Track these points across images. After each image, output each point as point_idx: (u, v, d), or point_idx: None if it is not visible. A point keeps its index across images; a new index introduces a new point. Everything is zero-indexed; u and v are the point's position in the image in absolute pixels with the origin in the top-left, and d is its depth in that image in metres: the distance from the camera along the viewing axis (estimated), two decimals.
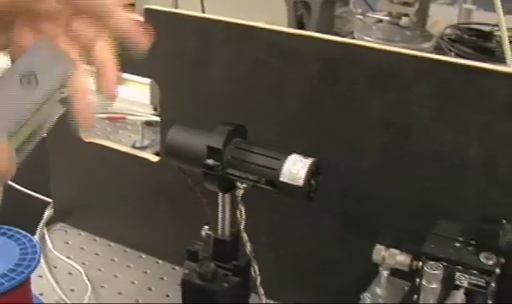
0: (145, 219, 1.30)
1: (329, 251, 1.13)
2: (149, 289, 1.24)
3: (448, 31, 1.83)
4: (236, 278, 1.00)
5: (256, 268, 0.97)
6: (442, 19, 1.90)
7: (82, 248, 1.33)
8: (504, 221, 0.88)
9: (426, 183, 1.01)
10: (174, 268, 1.28)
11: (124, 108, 1.73)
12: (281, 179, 0.91)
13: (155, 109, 1.72)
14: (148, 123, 1.70)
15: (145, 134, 1.68)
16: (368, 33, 1.64)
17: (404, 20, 1.60)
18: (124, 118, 1.74)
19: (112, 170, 1.30)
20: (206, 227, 1.03)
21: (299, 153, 0.92)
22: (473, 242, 0.90)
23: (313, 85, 1.07)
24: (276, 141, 1.08)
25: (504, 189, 0.97)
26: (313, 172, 0.91)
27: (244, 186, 0.94)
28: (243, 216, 0.96)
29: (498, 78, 0.95)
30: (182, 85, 1.17)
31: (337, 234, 1.12)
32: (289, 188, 0.91)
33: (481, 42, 1.75)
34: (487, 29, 1.81)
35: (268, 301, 0.99)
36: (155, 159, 1.24)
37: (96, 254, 1.32)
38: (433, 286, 0.87)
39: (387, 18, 1.63)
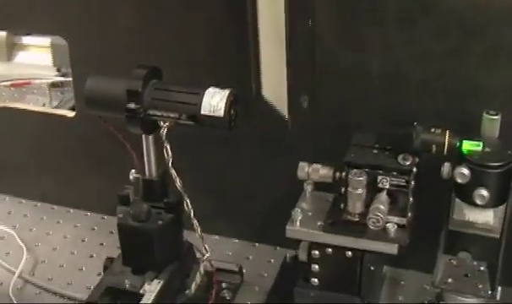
0: (68, 175, 1.31)
1: (252, 176, 1.18)
2: (83, 240, 1.26)
3: None
4: (170, 214, 1.03)
5: (188, 201, 1.00)
6: None
7: (9, 212, 1.34)
8: (415, 123, 0.94)
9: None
10: (103, 218, 1.31)
11: (27, 73, 1.72)
12: (202, 112, 0.94)
13: (58, 70, 1.72)
14: (54, 85, 1.69)
15: (53, 96, 1.67)
16: None
17: None
18: (29, 83, 1.72)
19: (29, 132, 1.30)
20: (133, 171, 1.05)
21: (215, 86, 0.96)
22: (389, 148, 0.96)
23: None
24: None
25: (406, 96, 1.04)
26: (231, 102, 0.94)
27: (167, 124, 0.97)
28: (170, 153, 0.98)
29: None
30: (90, 38, 1.18)
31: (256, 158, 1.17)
32: (211, 120, 0.93)
33: None
34: None
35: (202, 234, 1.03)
36: (71, 114, 1.25)
37: (25, 215, 1.32)
38: (359, 192, 0.93)
39: None
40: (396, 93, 1.03)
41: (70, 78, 1.66)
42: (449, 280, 0.98)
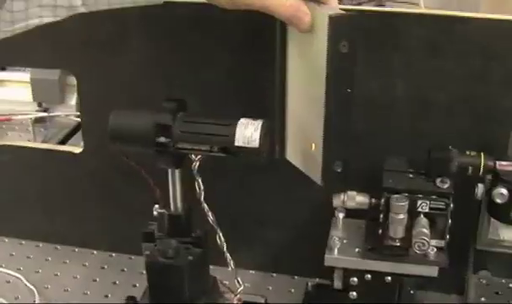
0: (71, 213, 1.28)
1: (275, 204, 1.18)
2: (94, 280, 1.22)
3: None
4: (198, 249, 1.01)
5: (221, 235, 0.98)
6: None
7: (11, 255, 1.29)
8: (450, 147, 0.95)
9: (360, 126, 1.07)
10: (111, 256, 1.27)
11: (7, 109, 1.67)
12: (236, 144, 0.93)
13: (39, 105, 1.69)
14: (37, 120, 1.66)
15: (36, 131, 1.63)
16: None
17: None
18: (10, 119, 1.67)
19: (32, 169, 1.26)
20: (156, 206, 1.03)
21: (246, 116, 0.95)
22: (422, 171, 0.97)
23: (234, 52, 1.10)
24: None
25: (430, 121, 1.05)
26: (265, 133, 0.93)
27: (199, 157, 0.95)
28: (202, 187, 0.97)
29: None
30: (99, 71, 1.16)
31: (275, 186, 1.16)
32: (244, 152, 0.93)
33: None
34: None
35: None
36: (78, 150, 1.22)
37: (28, 257, 1.28)
38: (401, 217, 0.93)
39: None
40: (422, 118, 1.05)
41: (54, 114, 1.66)
42: (482, 299, 0.99)
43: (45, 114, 1.66)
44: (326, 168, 0.89)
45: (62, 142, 1.55)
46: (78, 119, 1.57)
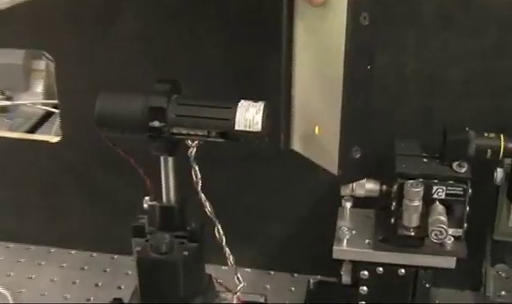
0: (45, 209, 1.19)
1: (276, 197, 1.11)
2: (73, 282, 1.14)
3: None
4: (194, 243, 0.93)
5: (219, 227, 0.91)
6: None
7: None
8: (467, 128, 0.89)
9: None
10: (92, 256, 1.19)
11: None
12: (237, 128, 0.86)
13: (1, 93, 1.58)
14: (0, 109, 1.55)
15: None
16: None
17: None
18: None
19: (0, 161, 1.17)
20: (147, 198, 0.95)
21: (246, 98, 0.88)
22: (437, 155, 0.91)
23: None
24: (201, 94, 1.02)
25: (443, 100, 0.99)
26: (267, 115, 0.86)
27: (196, 143, 0.88)
28: (199, 175, 0.89)
29: None
30: (81, 52, 1.07)
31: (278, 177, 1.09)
32: (245, 136, 0.85)
33: None
34: None
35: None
36: (55, 139, 1.13)
37: None
38: (416, 204, 0.87)
39: None
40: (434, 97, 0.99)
41: (18, 102, 1.55)
42: (503, 293, 0.94)
43: (8, 103, 1.55)
44: (343, 155, 0.82)
45: (30, 133, 1.45)
46: (46, 107, 1.48)
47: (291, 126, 0.91)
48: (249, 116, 0.86)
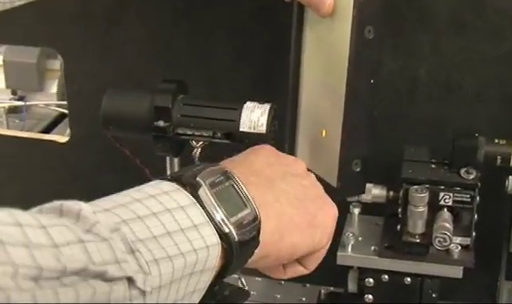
0: None
1: None
2: None
3: None
4: None
5: None
6: None
7: None
8: (476, 134, 0.87)
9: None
10: None
11: None
12: (242, 129, 0.85)
13: (13, 93, 1.55)
14: (11, 110, 1.53)
15: (10, 123, 1.52)
16: None
17: None
18: None
19: (9, 162, 1.16)
20: None
21: (253, 100, 0.86)
22: (446, 162, 0.89)
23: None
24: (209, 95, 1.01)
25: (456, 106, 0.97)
26: (273, 117, 0.85)
27: (201, 144, 0.87)
28: None
29: None
30: (89, 51, 1.06)
31: None
32: (250, 137, 0.84)
33: None
34: None
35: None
36: (63, 139, 1.13)
37: None
38: (420, 210, 0.85)
39: None
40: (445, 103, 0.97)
41: (31, 103, 1.54)
42: None
43: (20, 103, 1.53)
44: (343, 168, 0.80)
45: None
46: (60, 109, 1.46)
47: (296, 131, 0.90)
48: (254, 117, 0.85)
